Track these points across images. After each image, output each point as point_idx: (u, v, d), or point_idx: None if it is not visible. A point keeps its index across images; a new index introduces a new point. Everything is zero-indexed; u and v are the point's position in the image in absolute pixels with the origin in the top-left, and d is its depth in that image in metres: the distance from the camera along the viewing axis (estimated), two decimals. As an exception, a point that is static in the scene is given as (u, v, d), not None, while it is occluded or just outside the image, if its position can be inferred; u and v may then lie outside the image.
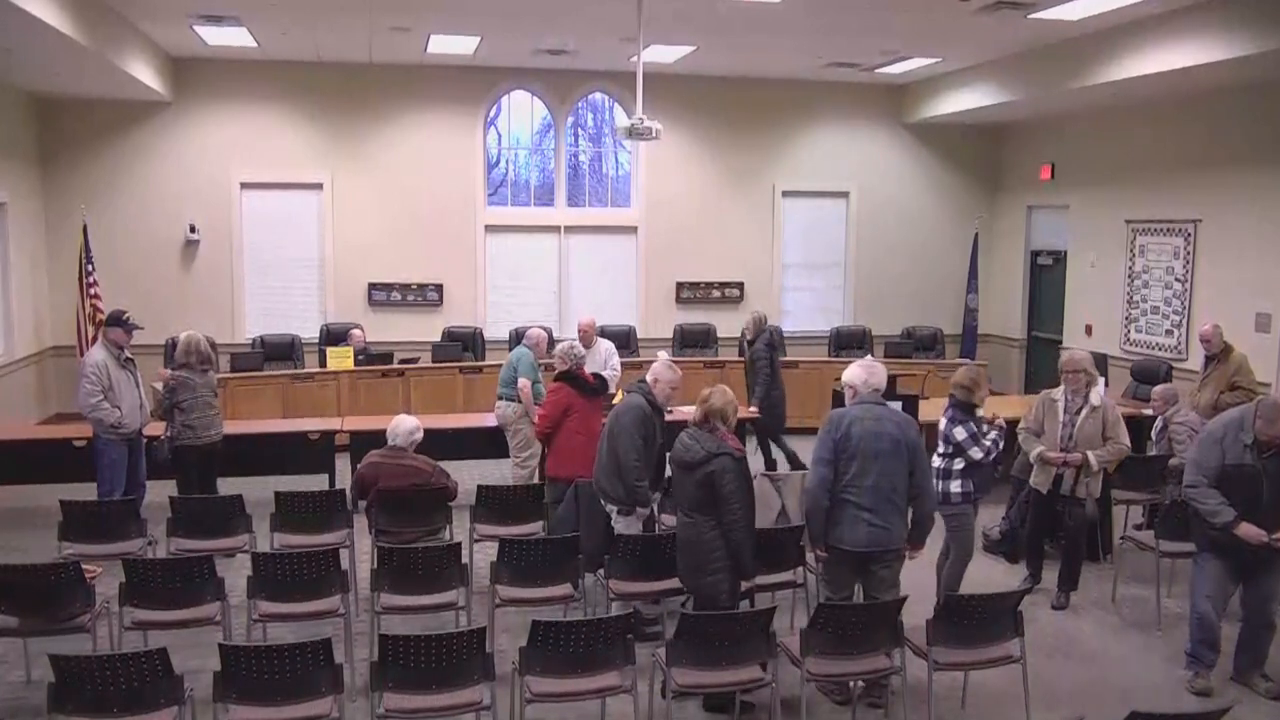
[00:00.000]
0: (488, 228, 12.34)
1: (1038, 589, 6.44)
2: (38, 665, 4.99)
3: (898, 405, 6.69)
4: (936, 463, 5.89)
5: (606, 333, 9.98)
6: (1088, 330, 11.60)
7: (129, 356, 7.17)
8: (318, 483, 7.73)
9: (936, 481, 5.80)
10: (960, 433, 5.86)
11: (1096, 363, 9.58)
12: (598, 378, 7.06)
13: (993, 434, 5.94)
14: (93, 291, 10.77)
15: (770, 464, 9.07)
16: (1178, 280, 10.31)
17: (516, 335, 10.51)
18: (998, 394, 10.49)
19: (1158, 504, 6.97)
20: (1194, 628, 5.25)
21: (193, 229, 11.58)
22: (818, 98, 12.66)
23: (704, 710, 4.96)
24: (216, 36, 9.91)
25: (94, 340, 9.88)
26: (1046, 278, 12.69)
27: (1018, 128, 12.91)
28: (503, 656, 4.74)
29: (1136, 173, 10.87)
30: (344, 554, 5.78)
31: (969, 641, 4.64)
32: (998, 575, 6.86)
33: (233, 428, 7.69)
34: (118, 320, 7.16)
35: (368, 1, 8.59)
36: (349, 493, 6.45)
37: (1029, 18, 8.53)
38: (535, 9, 8.82)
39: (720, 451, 4.76)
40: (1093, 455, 6.08)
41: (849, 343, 12.23)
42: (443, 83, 11.84)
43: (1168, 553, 6.15)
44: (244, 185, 11.74)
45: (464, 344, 11.30)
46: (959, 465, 5.88)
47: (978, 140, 13.17)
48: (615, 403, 6.54)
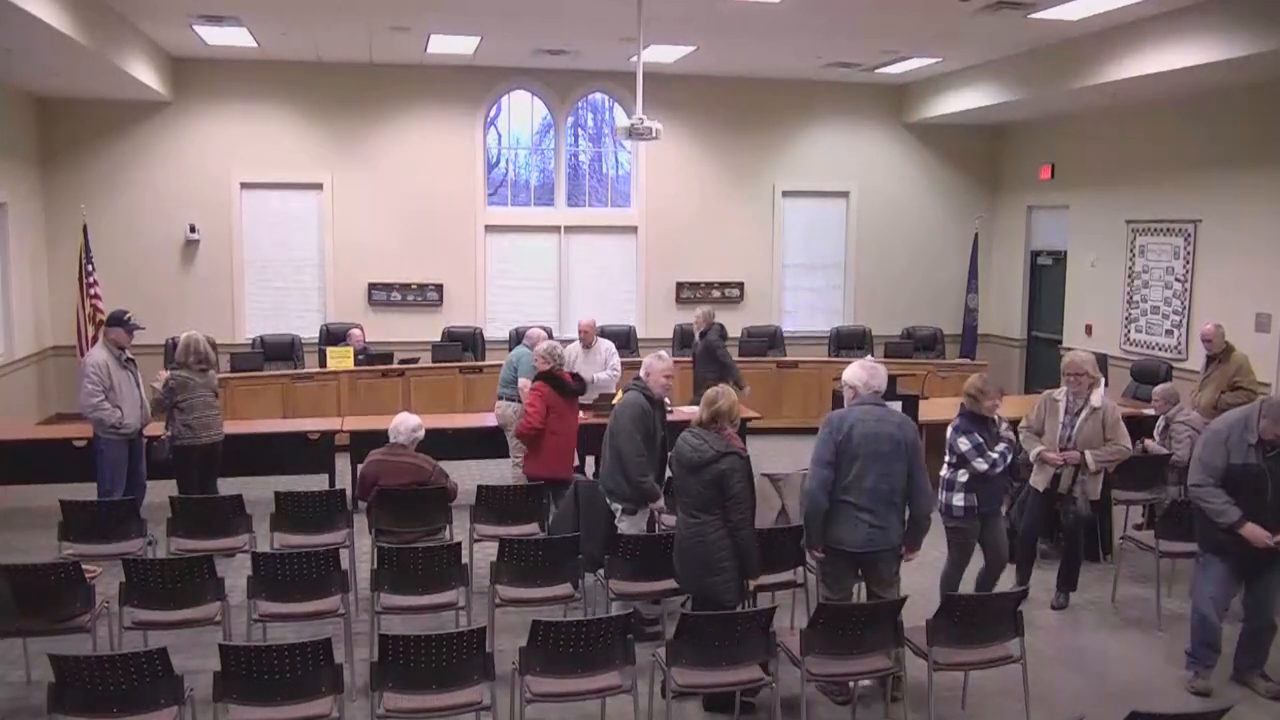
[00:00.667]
0: (488, 228, 12.34)
1: (1035, 591, 6.41)
2: (38, 665, 4.98)
3: (897, 405, 6.71)
4: (943, 472, 5.73)
5: (606, 333, 9.99)
6: (1088, 330, 11.60)
7: (130, 357, 7.17)
8: (318, 483, 7.73)
9: (940, 493, 5.69)
10: (964, 443, 5.61)
11: (1096, 363, 9.71)
12: (576, 378, 7.09)
13: (1001, 445, 5.66)
14: (93, 291, 10.77)
15: None
16: (1178, 280, 10.31)
17: (516, 335, 10.52)
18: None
19: (1158, 504, 6.98)
20: (1195, 628, 5.25)
21: (193, 229, 11.59)
22: (818, 98, 12.66)
23: (704, 710, 4.96)
24: (216, 36, 9.91)
25: (94, 340, 9.90)
26: (1046, 278, 12.68)
27: (1018, 128, 12.91)
28: (503, 656, 4.74)
29: (1136, 173, 10.87)
30: (344, 554, 5.78)
31: (969, 641, 4.64)
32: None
33: (233, 428, 7.69)
34: (119, 320, 7.17)
35: (368, 1, 8.60)
36: (349, 492, 6.45)
37: (1029, 18, 8.53)
38: (535, 9, 8.82)
39: (729, 451, 4.78)
40: (1090, 455, 6.07)
41: (849, 343, 12.22)
42: (443, 83, 11.85)
43: (1168, 553, 6.15)
44: (244, 185, 11.74)
45: (464, 344, 11.31)
46: (963, 477, 5.63)
47: (978, 140, 13.17)
48: (615, 403, 6.54)
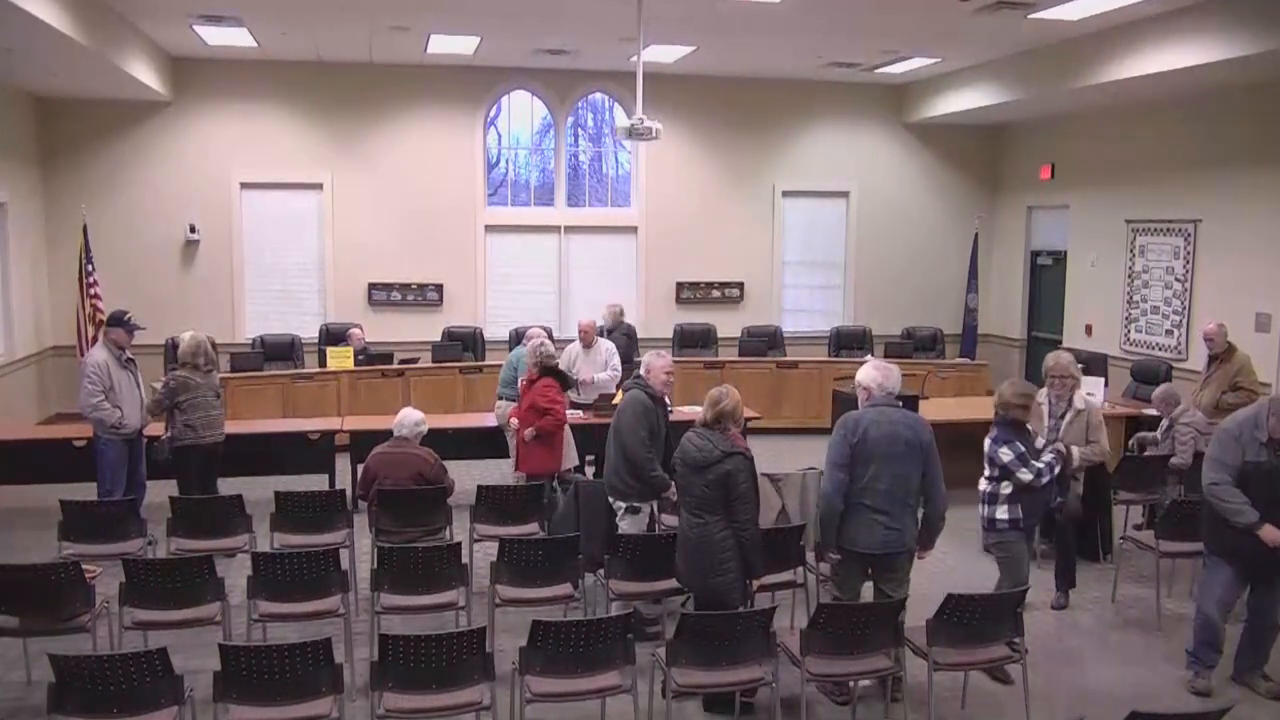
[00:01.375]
0: (488, 228, 12.34)
1: (1035, 591, 6.40)
2: (38, 665, 4.98)
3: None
4: (983, 486, 5.47)
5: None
6: (1088, 330, 11.60)
7: (130, 357, 7.17)
8: (318, 483, 7.72)
9: (982, 507, 5.46)
10: (1006, 454, 5.34)
11: (1097, 362, 9.72)
12: (563, 377, 7.11)
13: (1048, 455, 5.44)
14: (93, 291, 10.76)
15: None
16: (1178, 280, 10.31)
17: (516, 335, 10.52)
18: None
19: (1157, 504, 6.98)
20: (1198, 628, 5.24)
21: (193, 229, 11.58)
22: (818, 98, 12.66)
23: (703, 710, 4.95)
24: (216, 36, 9.91)
25: (94, 340, 9.89)
26: (1046, 278, 12.68)
27: (1018, 128, 12.91)
28: (503, 656, 4.74)
29: (1136, 173, 10.87)
30: (344, 554, 5.78)
31: (969, 641, 4.64)
32: (998, 575, 6.83)
33: (233, 428, 7.68)
34: (119, 320, 7.17)
35: (368, 1, 8.59)
36: (349, 493, 6.45)
37: (1029, 18, 8.53)
38: (535, 9, 8.82)
39: (734, 451, 4.79)
40: (1076, 451, 6.21)
41: (849, 343, 12.21)
42: (443, 83, 11.84)
43: (1168, 553, 6.15)
44: (244, 185, 11.74)
45: (464, 344, 11.30)
46: (1006, 490, 5.37)
47: (978, 140, 13.17)
48: (616, 403, 6.54)
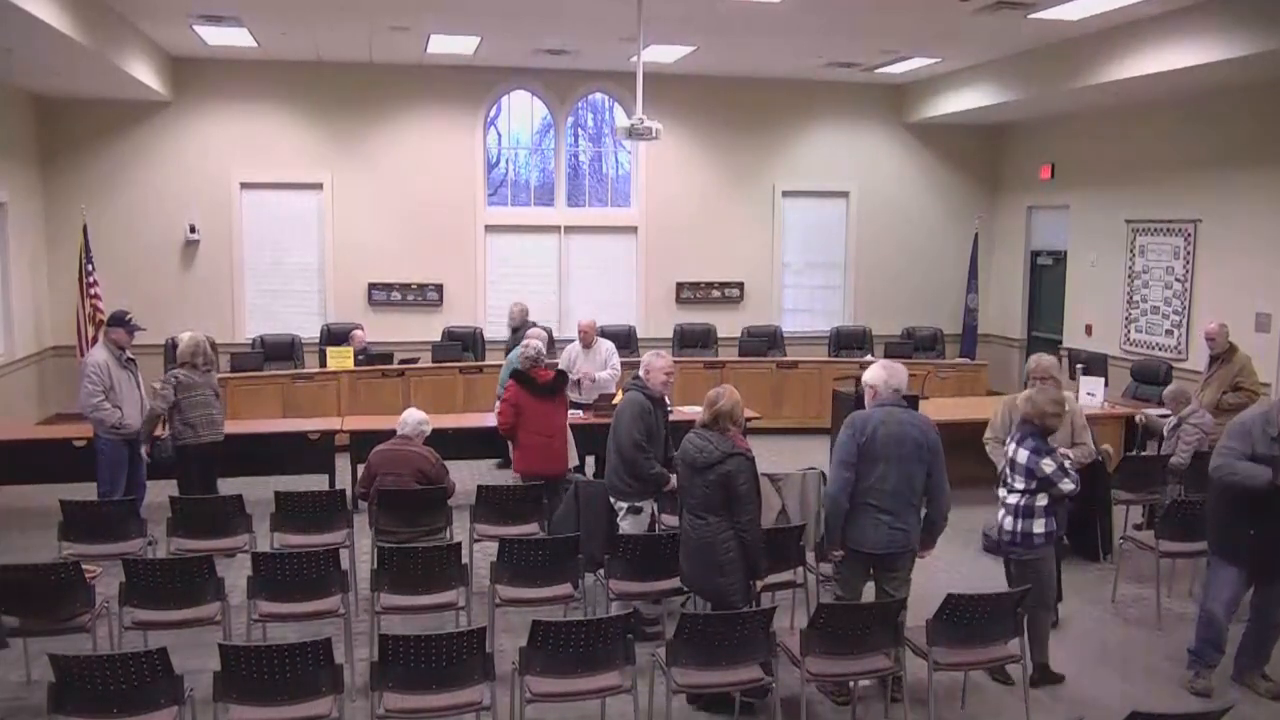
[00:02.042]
0: (488, 228, 12.34)
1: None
2: (38, 665, 4.98)
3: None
4: (1014, 500, 5.16)
5: (606, 333, 9.97)
6: (1088, 330, 11.60)
7: (130, 357, 7.17)
8: (318, 483, 7.72)
9: (1015, 521, 5.14)
10: (1049, 464, 5.05)
11: (1097, 363, 9.73)
12: (560, 376, 7.06)
13: (1067, 462, 5.25)
14: (93, 291, 10.76)
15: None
16: (1178, 280, 10.31)
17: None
18: (997, 394, 10.47)
19: (1157, 504, 6.98)
20: (1201, 627, 5.24)
21: (193, 229, 11.58)
22: (818, 98, 12.66)
23: (704, 710, 4.95)
24: (216, 36, 9.91)
25: (94, 340, 9.89)
26: (1046, 278, 12.68)
27: (1018, 128, 12.91)
28: (503, 656, 4.74)
29: (1136, 173, 10.87)
30: (344, 554, 5.77)
31: (969, 641, 4.64)
32: (998, 575, 6.83)
33: (233, 428, 7.68)
34: (120, 320, 7.16)
35: (368, 1, 8.59)
36: (349, 493, 6.44)
37: (1029, 18, 8.53)
38: (535, 9, 8.82)
39: (734, 452, 4.78)
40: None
41: (849, 343, 12.21)
42: (443, 83, 11.84)
43: (1168, 553, 6.14)
44: (244, 185, 11.74)
45: (464, 344, 11.30)
46: (1042, 502, 5.10)
47: (978, 140, 13.17)
48: (616, 403, 6.54)
